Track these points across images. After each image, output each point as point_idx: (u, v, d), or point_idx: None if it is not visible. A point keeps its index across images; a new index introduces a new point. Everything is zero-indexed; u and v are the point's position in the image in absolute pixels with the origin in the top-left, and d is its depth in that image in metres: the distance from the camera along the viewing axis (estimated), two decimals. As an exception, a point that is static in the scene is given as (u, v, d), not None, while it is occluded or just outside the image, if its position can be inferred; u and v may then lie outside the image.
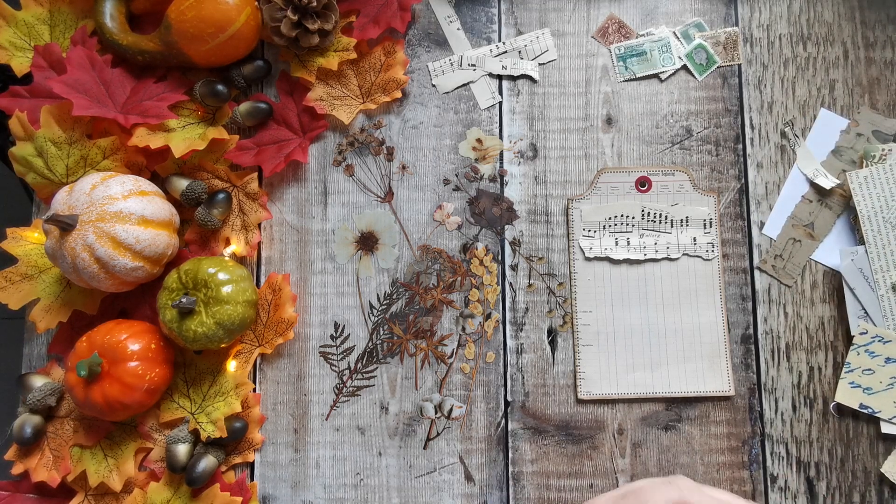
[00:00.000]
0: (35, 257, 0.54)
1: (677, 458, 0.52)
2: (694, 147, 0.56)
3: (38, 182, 0.53)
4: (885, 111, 0.55)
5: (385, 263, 0.56)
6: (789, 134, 0.56)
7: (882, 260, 0.52)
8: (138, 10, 0.57)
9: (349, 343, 0.55)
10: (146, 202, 0.50)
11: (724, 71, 0.57)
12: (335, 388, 0.54)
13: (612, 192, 0.55)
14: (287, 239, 0.56)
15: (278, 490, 0.53)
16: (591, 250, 0.55)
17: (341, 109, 0.57)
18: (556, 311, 0.55)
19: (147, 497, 0.51)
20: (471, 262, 0.55)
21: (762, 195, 0.55)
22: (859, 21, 0.57)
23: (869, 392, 0.51)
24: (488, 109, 0.57)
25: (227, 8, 0.52)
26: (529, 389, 0.54)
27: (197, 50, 0.53)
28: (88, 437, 0.52)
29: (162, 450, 0.52)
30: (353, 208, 0.56)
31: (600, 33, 0.58)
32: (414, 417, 0.54)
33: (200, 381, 0.53)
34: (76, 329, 0.54)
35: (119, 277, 0.49)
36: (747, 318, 0.54)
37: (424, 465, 0.53)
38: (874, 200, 0.53)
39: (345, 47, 0.56)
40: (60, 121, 0.53)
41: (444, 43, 0.58)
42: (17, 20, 0.57)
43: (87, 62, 0.54)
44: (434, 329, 0.55)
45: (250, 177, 0.55)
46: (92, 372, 0.47)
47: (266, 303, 0.54)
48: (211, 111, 0.57)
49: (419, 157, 0.57)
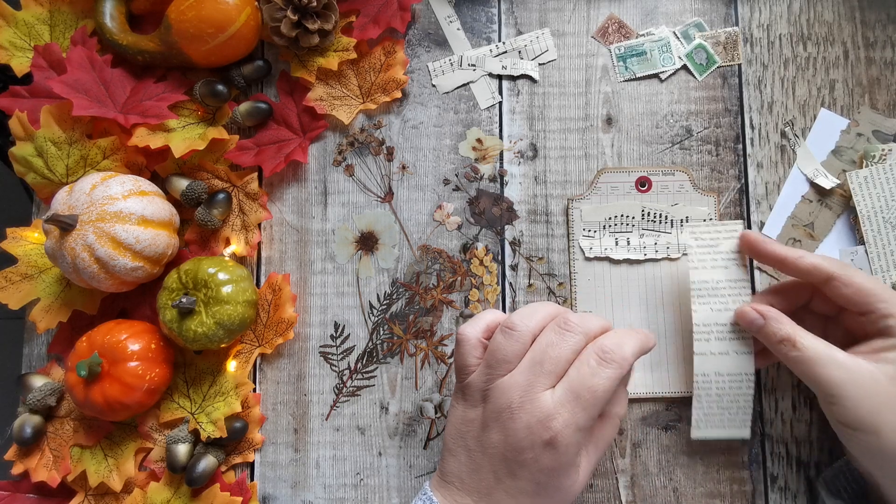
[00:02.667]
0: (35, 257, 0.54)
1: (677, 459, 0.52)
2: (694, 147, 0.56)
3: (38, 182, 0.53)
4: (885, 111, 0.55)
5: (385, 263, 0.56)
6: (789, 134, 0.56)
7: (882, 260, 0.52)
8: (138, 10, 0.57)
9: (349, 343, 0.55)
10: (146, 202, 0.50)
11: (724, 71, 0.57)
12: (335, 388, 0.54)
13: (612, 192, 0.55)
14: (287, 239, 0.56)
15: (278, 490, 0.53)
16: (591, 250, 0.55)
17: (341, 109, 0.57)
18: (556, 311, 0.55)
19: (147, 497, 0.51)
20: (471, 262, 0.55)
21: (762, 195, 0.55)
22: (859, 21, 0.57)
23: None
24: (488, 109, 0.57)
25: (227, 8, 0.52)
26: (529, 389, 0.54)
27: (197, 50, 0.53)
28: (88, 437, 0.52)
29: (162, 450, 0.52)
30: (353, 208, 0.56)
31: (600, 33, 0.58)
32: (414, 417, 0.54)
33: (200, 381, 0.53)
34: (76, 329, 0.54)
35: (119, 277, 0.49)
36: (747, 318, 0.54)
37: (424, 465, 0.53)
38: (874, 200, 0.53)
39: (345, 47, 0.56)
40: (60, 121, 0.53)
41: (444, 43, 0.58)
42: (17, 20, 0.57)
43: (87, 62, 0.54)
44: (434, 329, 0.55)
45: (250, 177, 0.55)
46: (92, 372, 0.47)
47: (266, 303, 0.54)
48: (211, 111, 0.57)
49: (419, 157, 0.57)
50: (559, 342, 0.41)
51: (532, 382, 0.40)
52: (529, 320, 0.42)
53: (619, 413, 0.44)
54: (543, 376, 0.40)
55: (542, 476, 0.39)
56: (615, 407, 0.44)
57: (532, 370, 0.41)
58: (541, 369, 0.40)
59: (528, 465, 0.39)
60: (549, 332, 0.42)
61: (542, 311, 0.43)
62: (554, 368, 0.40)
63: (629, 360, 0.41)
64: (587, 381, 0.39)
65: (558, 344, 0.41)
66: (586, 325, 0.42)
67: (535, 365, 0.41)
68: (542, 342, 0.41)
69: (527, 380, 0.40)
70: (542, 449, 0.39)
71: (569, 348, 0.41)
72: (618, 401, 0.44)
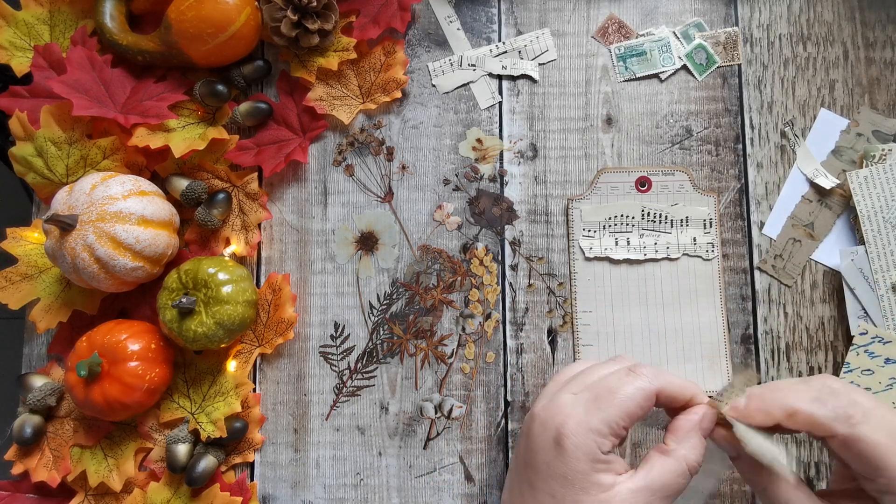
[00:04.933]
0: (35, 257, 0.54)
1: (677, 458, 0.52)
2: (694, 147, 0.56)
3: (38, 182, 0.53)
4: (885, 111, 0.55)
5: (385, 263, 0.56)
6: (789, 134, 0.56)
7: (882, 260, 0.52)
8: (138, 10, 0.57)
9: (349, 343, 0.55)
10: (146, 202, 0.50)
11: (724, 71, 0.57)
12: (335, 388, 0.54)
13: (612, 192, 0.55)
14: (287, 239, 0.56)
15: (278, 490, 0.53)
16: (591, 250, 0.55)
17: (341, 109, 0.57)
18: (556, 311, 0.55)
19: (147, 497, 0.51)
20: (471, 262, 0.55)
21: (762, 195, 0.55)
22: (859, 21, 0.57)
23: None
24: (488, 109, 0.57)
25: (227, 8, 0.52)
26: (529, 389, 0.54)
27: (197, 50, 0.53)
28: (88, 437, 0.52)
29: (162, 450, 0.52)
30: (353, 208, 0.56)
31: (600, 33, 0.58)
32: (414, 417, 0.54)
33: (200, 381, 0.53)
34: (76, 329, 0.54)
35: (119, 277, 0.49)
36: (747, 318, 0.54)
37: (424, 465, 0.53)
38: (874, 200, 0.53)
39: (345, 47, 0.56)
40: (60, 121, 0.53)
41: (444, 43, 0.58)
42: (17, 20, 0.57)
43: (87, 62, 0.54)
44: (434, 329, 0.55)
45: (250, 177, 0.55)
46: (92, 372, 0.47)
47: (266, 303, 0.54)
48: (211, 111, 0.57)
49: (419, 157, 0.57)
50: (603, 366, 0.40)
51: (561, 390, 0.39)
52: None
53: (683, 454, 0.36)
54: (573, 385, 0.39)
55: (557, 486, 0.36)
56: (680, 446, 0.37)
57: (566, 383, 0.39)
58: (573, 382, 0.39)
59: (542, 472, 0.37)
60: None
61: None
62: (585, 380, 0.39)
63: (662, 378, 0.37)
64: (609, 383, 0.37)
65: (601, 367, 0.40)
66: (634, 362, 0.40)
67: (570, 380, 0.40)
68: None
69: (557, 388, 0.40)
70: (553, 450, 0.36)
71: (607, 369, 0.39)
72: (684, 441, 0.37)
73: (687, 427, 0.37)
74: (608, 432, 0.36)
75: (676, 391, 0.37)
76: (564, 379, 0.41)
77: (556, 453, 0.36)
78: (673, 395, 0.37)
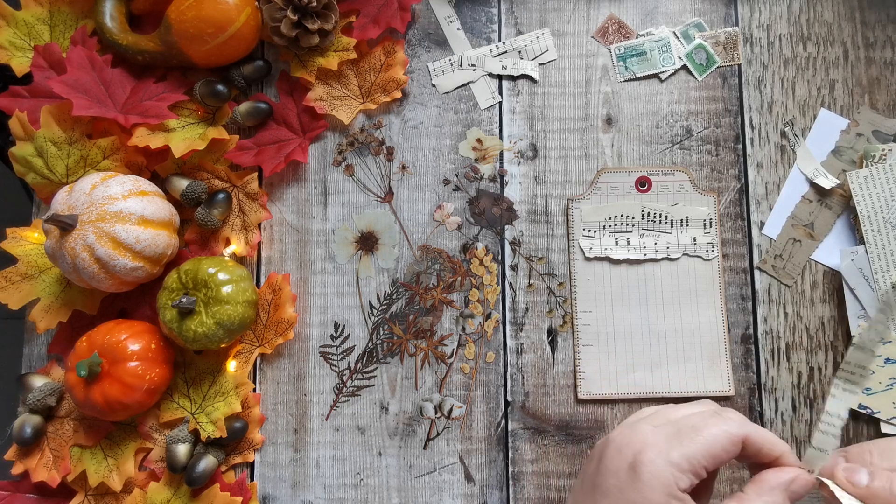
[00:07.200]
0: (35, 257, 0.54)
1: (677, 458, 0.52)
2: (694, 147, 0.56)
3: (38, 182, 0.53)
4: (885, 111, 0.55)
5: (385, 263, 0.56)
6: (789, 134, 0.56)
7: (882, 260, 0.52)
8: (138, 10, 0.57)
9: (349, 343, 0.55)
10: (146, 202, 0.50)
11: (724, 71, 0.57)
12: (335, 388, 0.54)
13: (612, 192, 0.55)
14: (287, 239, 0.56)
15: (278, 490, 0.53)
16: (591, 250, 0.55)
17: (341, 109, 0.57)
18: (556, 311, 0.55)
19: (147, 497, 0.51)
20: (471, 262, 0.55)
21: (762, 195, 0.55)
22: (859, 21, 0.57)
23: (868, 392, 0.51)
24: (488, 109, 0.57)
25: (227, 8, 0.52)
26: (529, 389, 0.54)
27: (197, 50, 0.53)
28: (88, 437, 0.52)
29: (162, 450, 0.52)
30: (353, 208, 0.56)
31: (600, 33, 0.58)
32: (414, 417, 0.54)
33: (200, 381, 0.53)
34: (76, 329, 0.54)
35: (119, 277, 0.49)
36: (747, 318, 0.54)
37: (424, 465, 0.53)
38: (874, 200, 0.53)
39: (345, 47, 0.56)
40: (60, 121, 0.53)
41: (444, 43, 0.58)
42: (17, 20, 0.57)
43: (87, 62, 0.54)
44: (434, 329, 0.55)
45: (250, 177, 0.55)
46: (92, 372, 0.47)
47: (266, 303, 0.54)
48: (211, 111, 0.57)
49: (419, 157, 0.57)
50: (687, 406, 0.38)
51: (640, 421, 0.38)
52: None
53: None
54: (655, 418, 0.37)
55: None
56: (759, 499, 0.35)
57: (646, 417, 0.38)
58: (655, 415, 0.38)
59: (611, 496, 0.35)
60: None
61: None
62: (668, 415, 0.37)
63: (751, 427, 0.36)
64: (693, 421, 0.36)
65: (685, 406, 0.38)
66: (719, 407, 0.39)
67: (651, 415, 0.38)
68: None
69: (636, 420, 0.39)
70: (626, 475, 0.35)
71: (692, 409, 0.38)
72: (765, 495, 0.35)
73: (773, 483, 0.35)
74: (688, 468, 0.34)
75: (765, 444, 0.36)
76: (646, 414, 0.40)
77: (630, 480, 0.35)
78: (760, 447, 0.36)
